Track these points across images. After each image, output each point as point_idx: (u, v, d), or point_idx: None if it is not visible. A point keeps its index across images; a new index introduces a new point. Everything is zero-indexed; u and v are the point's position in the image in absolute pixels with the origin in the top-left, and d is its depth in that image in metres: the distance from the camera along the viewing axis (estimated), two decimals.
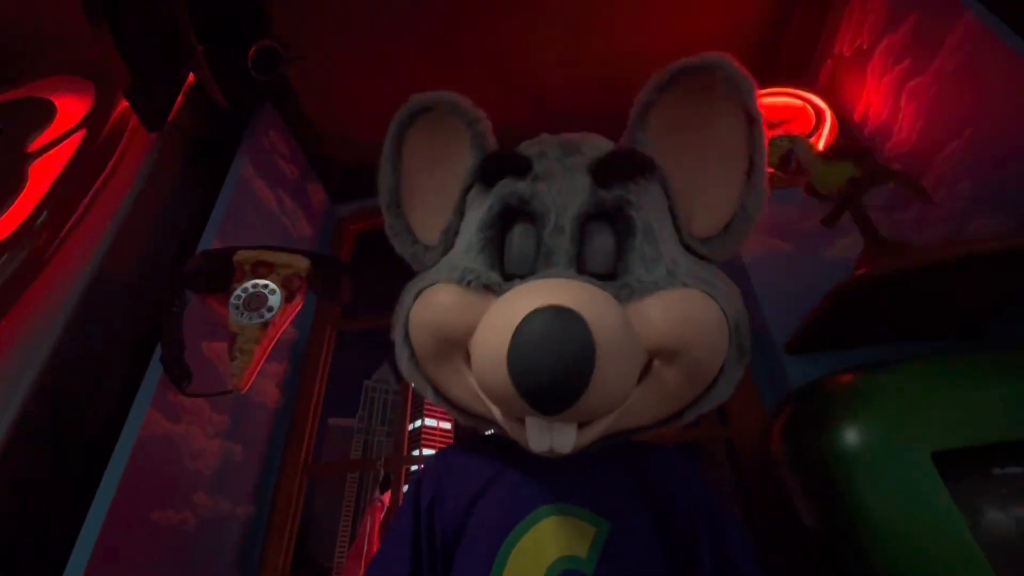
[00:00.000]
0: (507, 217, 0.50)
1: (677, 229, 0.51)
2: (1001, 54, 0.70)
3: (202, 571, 0.86)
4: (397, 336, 0.53)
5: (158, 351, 0.81)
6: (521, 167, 0.51)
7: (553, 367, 0.37)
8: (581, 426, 0.42)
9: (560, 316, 0.38)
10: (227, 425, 0.95)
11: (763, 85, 1.15)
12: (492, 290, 0.47)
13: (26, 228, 0.85)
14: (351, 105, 1.30)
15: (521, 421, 0.44)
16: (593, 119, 1.26)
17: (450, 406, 0.53)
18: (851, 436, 0.57)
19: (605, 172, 0.49)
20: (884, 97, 0.91)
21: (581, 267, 0.47)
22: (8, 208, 0.87)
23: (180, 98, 1.13)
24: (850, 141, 0.77)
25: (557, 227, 0.48)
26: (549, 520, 0.45)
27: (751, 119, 0.50)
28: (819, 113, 1.06)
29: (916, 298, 0.71)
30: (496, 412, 0.46)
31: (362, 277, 1.26)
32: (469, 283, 0.47)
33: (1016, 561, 0.49)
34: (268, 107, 1.26)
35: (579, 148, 0.53)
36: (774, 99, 1.13)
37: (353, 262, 1.42)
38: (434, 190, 0.60)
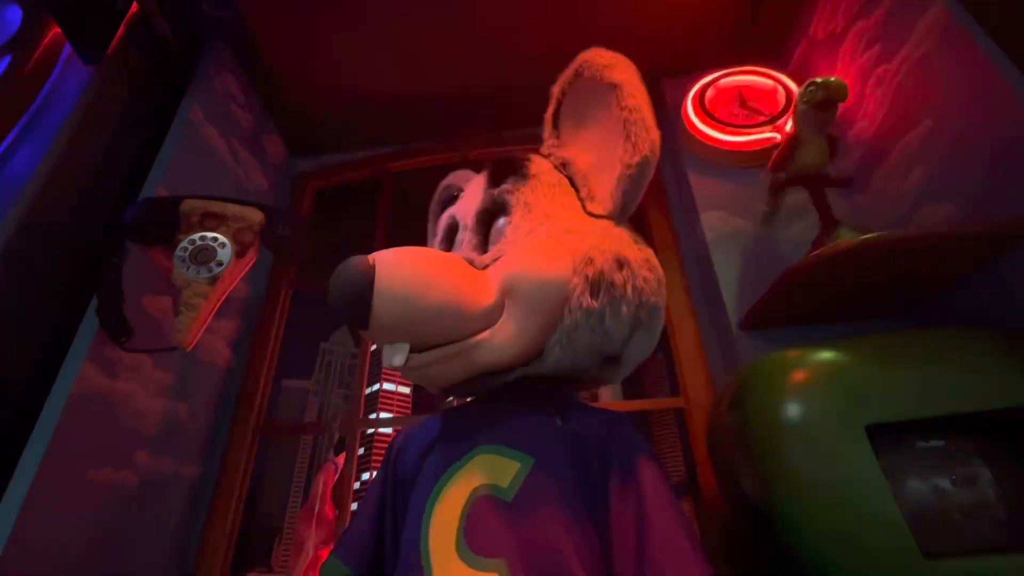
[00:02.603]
0: (449, 232, 0.67)
1: (582, 202, 0.62)
2: (965, 47, 0.72)
3: (145, 530, 0.84)
4: None
5: (94, 303, 0.76)
6: (451, 199, 0.71)
7: (339, 291, 0.48)
8: (422, 351, 0.51)
9: (349, 260, 0.49)
10: (172, 383, 0.91)
11: (736, 64, 1.16)
12: None
13: None
14: (315, 50, 1.21)
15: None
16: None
17: None
18: (791, 409, 0.59)
19: (492, 177, 0.63)
20: (852, 82, 0.92)
21: (484, 248, 0.60)
22: None
23: (121, 29, 1.03)
24: (838, 139, 0.79)
25: (464, 226, 0.63)
26: (480, 458, 0.51)
27: (612, 84, 0.57)
28: (789, 95, 1.07)
29: (864, 279, 0.74)
30: None
31: (322, 236, 1.21)
32: None
33: (931, 525, 0.53)
34: (221, 46, 1.17)
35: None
36: (747, 78, 1.13)
37: (312, 220, 1.36)
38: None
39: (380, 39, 1.18)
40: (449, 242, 0.67)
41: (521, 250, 0.55)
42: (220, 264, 0.76)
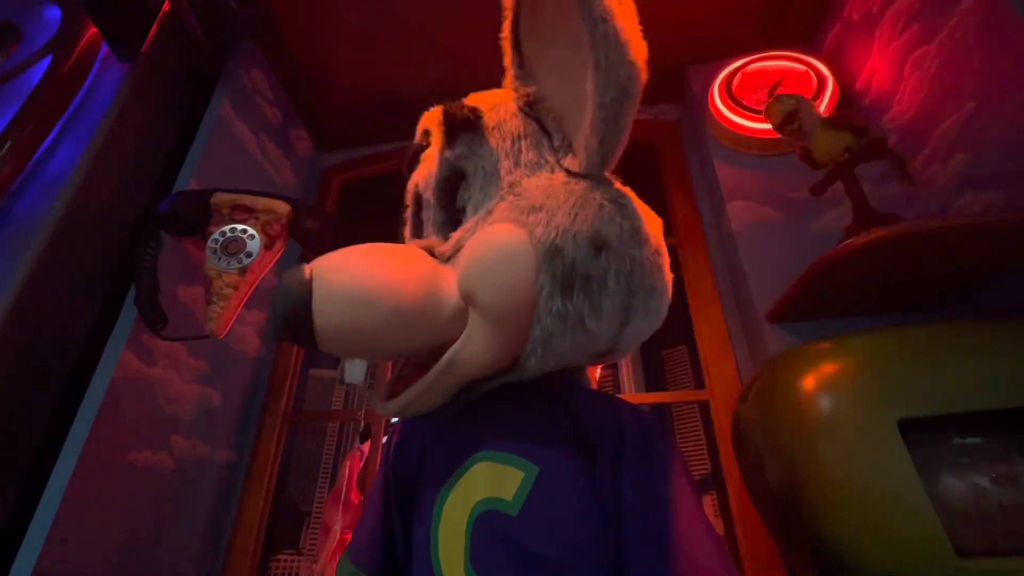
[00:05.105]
0: (417, 204, 0.58)
1: (555, 153, 0.50)
2: (1012, 26, 0.68)
3: (182, 510, 0.88)
4: None
5: (132, 293, 0.79)
6: (411, 167, 0.57)
7: (276, 310, 0.41)
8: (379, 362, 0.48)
9: (285, 274, 0.42)
10: (205, 371, 0.94)
11: (766, 49, 1.12)
12: None
13: None
14: (341, 47, 1.23)
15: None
16: None
17: None
18: (820, 402, 0.58)
19: (447, 137, 0.51)
20: (888, 65, 0.89)
21: (452, 229, 0.50)
22: None
23: (154, 28, 1.06)
24: (851, 115, 0.78)
25: (427, 203, 0.54)
26: (480, 466, 0.46)
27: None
28: (821, 80, 1.03)
29: (898, 270, 0.72)
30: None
31: (348, 229, 1.23)
32: None
33: (969, 526, 0.51)
34: (249, 43, 1.19)
35: None
36: (776, 63, 1.10)
37: (338, 213, 1.38)
38: None
39: (403, 34, 1.19)
40: (418, 217, 0.58)
41: (476, 244, 0.46)
42: (250, 255, 0.78)
